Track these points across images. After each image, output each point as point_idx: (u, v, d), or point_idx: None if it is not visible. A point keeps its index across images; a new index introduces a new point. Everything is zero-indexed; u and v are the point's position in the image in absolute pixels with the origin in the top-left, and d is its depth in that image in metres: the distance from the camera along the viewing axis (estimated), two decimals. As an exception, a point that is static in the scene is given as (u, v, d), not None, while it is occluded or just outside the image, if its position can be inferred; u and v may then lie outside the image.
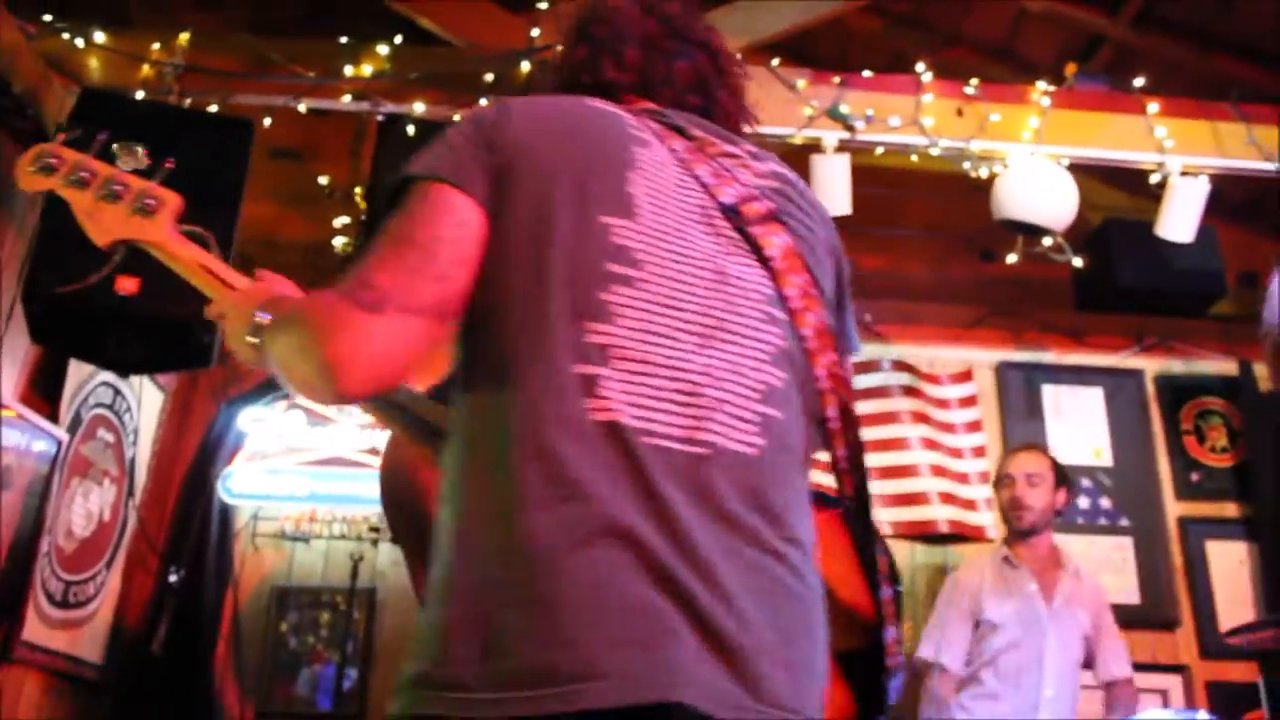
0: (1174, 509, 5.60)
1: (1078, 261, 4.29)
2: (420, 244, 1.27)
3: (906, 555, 5.40)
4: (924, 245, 5.48)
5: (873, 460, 5.40)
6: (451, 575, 1.19)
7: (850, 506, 1.41)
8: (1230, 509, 5.61)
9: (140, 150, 1.91)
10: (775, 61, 4.32)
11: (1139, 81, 4.37)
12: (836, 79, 4.27)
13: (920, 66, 4.31)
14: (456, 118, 3.16)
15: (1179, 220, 4.13)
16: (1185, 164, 4.20)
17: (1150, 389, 5.80)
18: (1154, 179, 4.26)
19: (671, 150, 1.43)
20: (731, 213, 1.40)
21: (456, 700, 1.09)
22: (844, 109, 4.17)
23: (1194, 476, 5.68)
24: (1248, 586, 5.47)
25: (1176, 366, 5.86)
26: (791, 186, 1.51)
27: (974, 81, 4.30)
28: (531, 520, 1.15)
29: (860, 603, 1.42)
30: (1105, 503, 5.56)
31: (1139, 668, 4.68)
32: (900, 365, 5.63)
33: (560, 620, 1.10)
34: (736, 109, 1.65)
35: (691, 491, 1.20)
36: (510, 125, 1.36)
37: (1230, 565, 5.52)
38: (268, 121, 4.11)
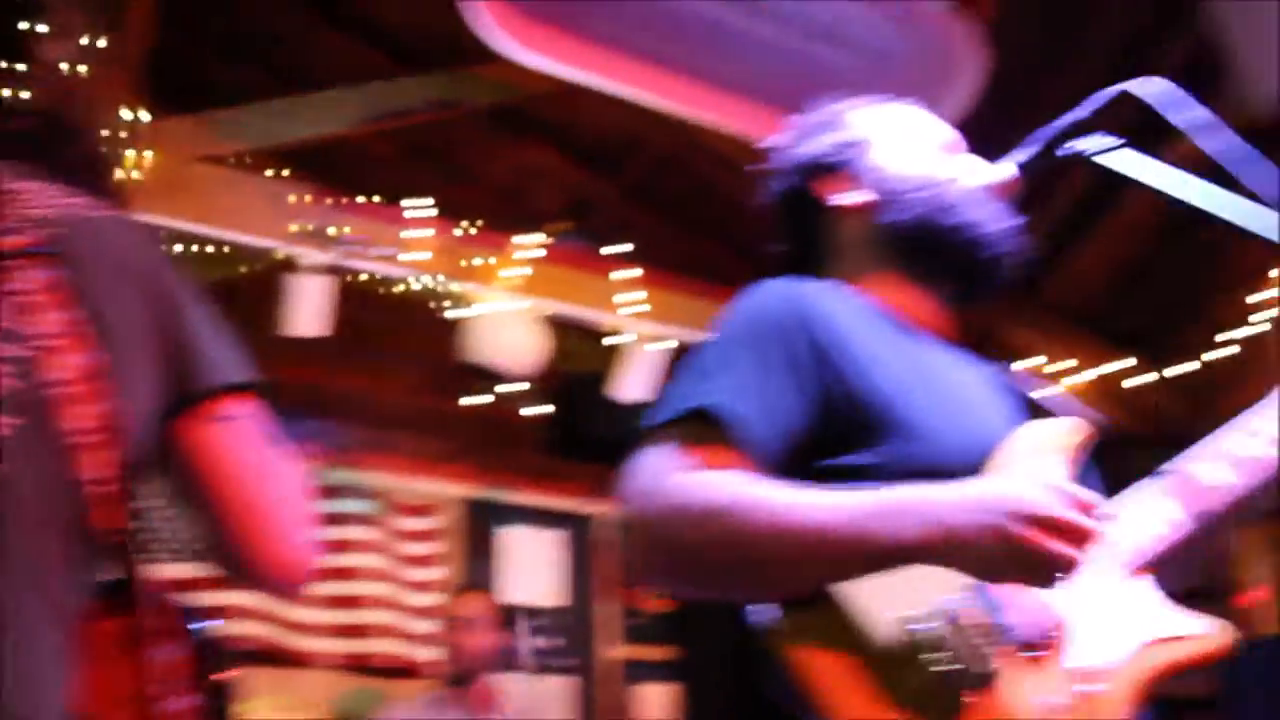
0: (615, 651, 5.85)
1: (540, 410, 4.43)
2: None
3: (340, 690, 5.23)
4: (406, 373, 5.44)
5: (321, 589, 5.20)
6: None
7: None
8: (666, 653, 5.95)
9: None
10: (269, 172, 4.16)
11: (621, 248, 4.65)
12: (329, 200, 4.17)
13: (414, 200, 4.32)
14: None
15: (633, 381, 4.40)
16: (649, 331, 4.49)
17: (600, 535, 6.08)
18: (615, 340, 4.51)
19: None
20: None
21: None
22: (331, 231, 4.08)
23: (637, 621, 5.99)
24: (677, 727, 5.81)
25: (625, 515, 6.18)
26: (87, 222, 1.33)
27: (464, 224, 4.36)
28: None
29: None
30: (551, 643, 5.70)
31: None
32: (365, 493, 5.51)
33: None
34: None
35: None
36: None
37: (664, 707, 5.85)
38: None
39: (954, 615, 1.33)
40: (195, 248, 3.84)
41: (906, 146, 1.80)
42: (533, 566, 5.80)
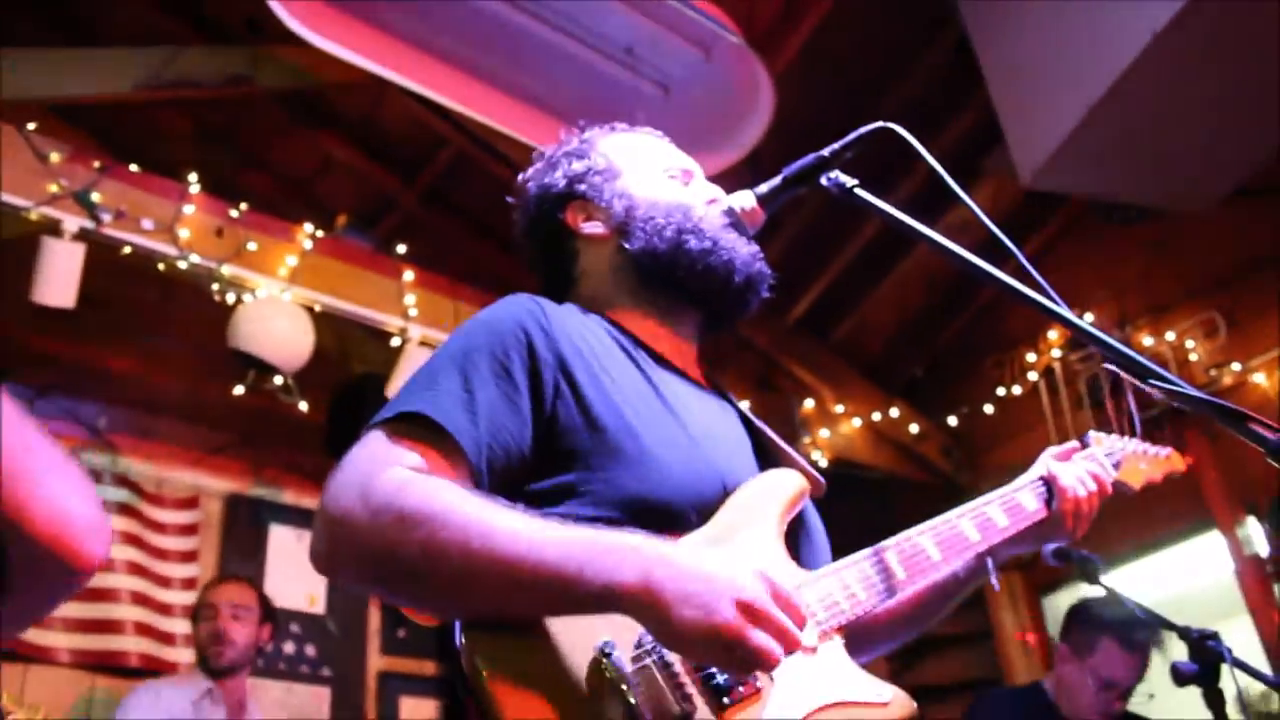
0: (376, 662, 5.71)
1: (303, 405, 4.30)
2: None
3: (85, 688, 4.92)
4: (175, 357, 5.19)
5: (64, 579, 4.92)
6: None
7: None
8: (429, 667, 5.84)
9: None
10: (32, 126, 3.92)
11: (401, 248, 4.56)
12: (97, 163, 3.95)
13: (193, 176, 4.15)
14: None
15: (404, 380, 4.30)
16: (425, 334, 4.41)
17: (371, 542, 5.94)
18: (394, 342, 4.42)
19: None
20: None
21: None
22: (95, 197, 3.87)
23: (400, 633, 5.86)
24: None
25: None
26: None
27: (243, 206, 4.21)
28: None
29: None
30: (310, 650, 5.52)
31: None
32: (123, 480, 5.24)
33: None
34: None
35: None
36: None
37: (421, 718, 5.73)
38: None
39: (657, 654, 1.31)
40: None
41: (651, 173, 1.83)
42: (295, 569, 5.61)
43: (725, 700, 1.33)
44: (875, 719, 1.44)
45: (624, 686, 1.24)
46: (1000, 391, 5.99)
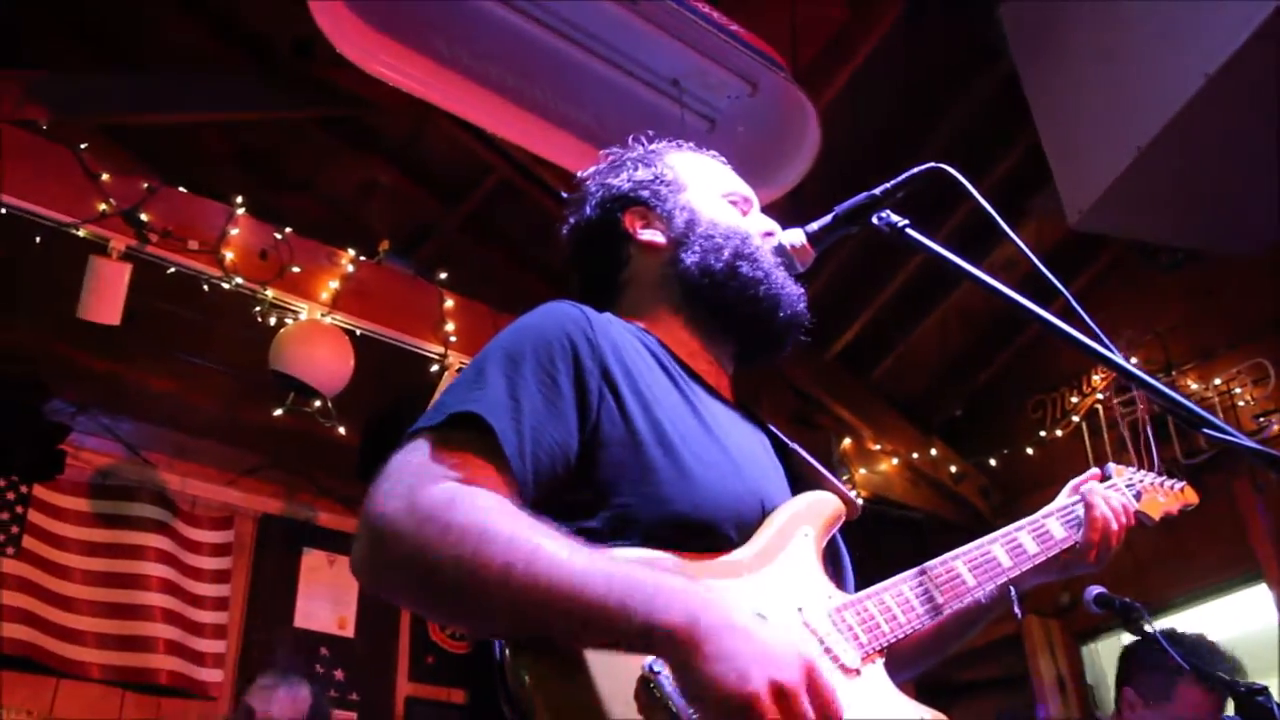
0: (404, 688, 5.69)
1: (342, 429, 4.30)
2: None
3: (115, 704, 4.93)
4: (215, 377, 5.23)
5: (97, 595, 4.94)
6: None
7: None
8: (456, 695, 5.82)
9: None
10: (84, 145, 3.97)
11: (442, 275, 4.57)
12: (145, 184, 4.00)
13: (238, 199, 4.18)
14: None
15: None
16: (463, 361, 4.41)
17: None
18: (434, 369, 4.42)
19: None
20: None
21: None
22: (143, 217, 3.91)
23: (429, 659, 5.85)
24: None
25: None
26: None
27: (287, 229, 4.23)
28: None
29: None
30: (339, 674, 5.52)
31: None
32: (159, 498, 5.27)
33: None
34: None
35: None
36: None
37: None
38: None
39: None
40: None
41: (714, 195, 1.84)
42: (327, 592, 5.61)
43: None
44: None
45: (672, 706, 1.20)
46: (1042, 433, 5.91)
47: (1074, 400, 5.82)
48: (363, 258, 4.41)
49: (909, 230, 1.66)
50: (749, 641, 1.19)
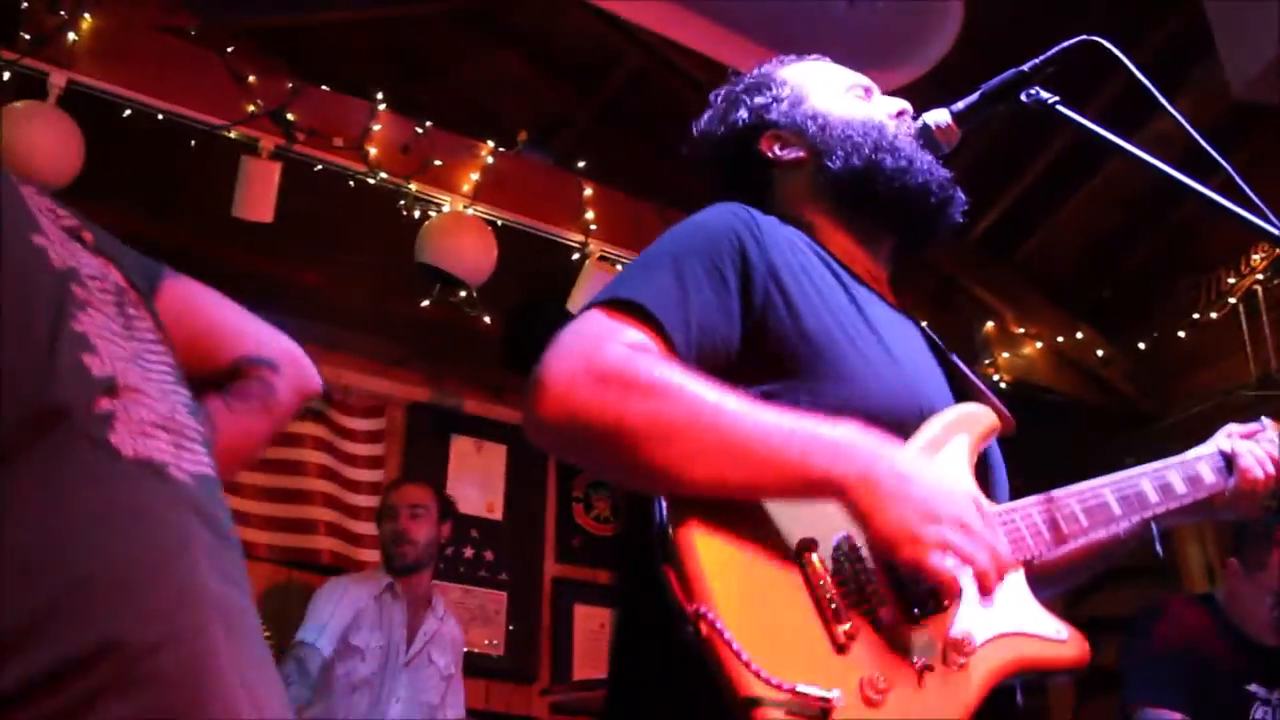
0: (551, 569, 5.88)
1: (487, 319, 4.40)
2: None
3: (283, 580, 5.24)
4: (361, 271, 5.38)
5: (262, 480, 5.21)
6: None
7: None
8: (602, 576, 5.99)
9: None
10: (230, 49, 4.08)
11: (580, 164, 4.59)
12: (290, 84, 4.10)
13: (379, 95, 4.25)
14: None
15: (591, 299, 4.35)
16: (604, 250, 4.45)
17: (544, 453, 6.06)
18: (574, 258, 4.47)
19: None
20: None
21: None
22: (289, 116, 4.01)
23: (575, 541, 6.02)
24: (605, 650, 5.86)
25: (580, 437, 6.20)
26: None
27: (427, 124, 4.30)
28: None
29: None
30: (489, 555, 5.73)
31: (492, 717, 4.80)
32: (314, 388, 5.49)
33: None
34: None
35: None
36: None
37: (592, 628, 5.89)
38: None
39: (856, 556, 1.34)
40: (143, 120, 3.77)
41: (836, 92, 1.83)
42: (475, 477, 5.81)
43: (915, 611, 1.34)
44: (1049, 655, 1.45)
45: (822, 581, 1.27)
46: (1195, 315, 5.70)
47: (1230, 281, 5.58)
48: (501, 149, 4.45)
49: (1061, 107, 1.62)
50: (920, 483, 1.28)
